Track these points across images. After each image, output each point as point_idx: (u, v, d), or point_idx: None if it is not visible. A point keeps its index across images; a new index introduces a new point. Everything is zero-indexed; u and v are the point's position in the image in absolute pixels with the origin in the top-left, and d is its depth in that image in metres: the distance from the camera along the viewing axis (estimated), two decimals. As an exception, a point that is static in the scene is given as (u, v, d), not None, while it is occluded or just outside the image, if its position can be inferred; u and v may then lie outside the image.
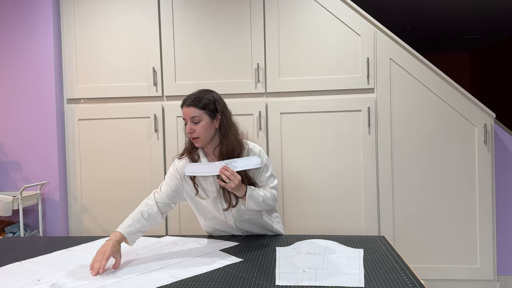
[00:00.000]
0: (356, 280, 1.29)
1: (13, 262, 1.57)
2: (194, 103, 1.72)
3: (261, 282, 1.28)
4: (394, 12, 4.69)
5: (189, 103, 1.73)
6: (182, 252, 1.64)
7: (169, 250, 1.68)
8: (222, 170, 1.61)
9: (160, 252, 1.65)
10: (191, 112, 1.71)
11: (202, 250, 1.65)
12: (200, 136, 1.72)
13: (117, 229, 1.63)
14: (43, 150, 2.89)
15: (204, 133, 1.71)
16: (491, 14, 4.97)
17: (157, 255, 1.62)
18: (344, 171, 2.73)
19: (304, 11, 2.73)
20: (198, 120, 1.71)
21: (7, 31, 2.92)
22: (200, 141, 1.73)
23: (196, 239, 1.82)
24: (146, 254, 1.63)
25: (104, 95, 2.89)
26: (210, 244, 1.73)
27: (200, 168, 1.69)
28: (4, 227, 2.87)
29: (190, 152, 1.80)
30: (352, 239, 1.74)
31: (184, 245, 1.74)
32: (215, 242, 1.76)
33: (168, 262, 1.52)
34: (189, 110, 1.72)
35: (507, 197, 2.82)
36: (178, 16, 2.83)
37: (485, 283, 2.66)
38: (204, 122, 1.71)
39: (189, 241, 1.79)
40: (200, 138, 1.72)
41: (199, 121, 1.71)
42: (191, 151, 1.80)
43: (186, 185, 1.80)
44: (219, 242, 1.77)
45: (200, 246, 1.71)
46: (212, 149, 1.78)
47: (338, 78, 2.72)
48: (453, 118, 2.67)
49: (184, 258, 1.56)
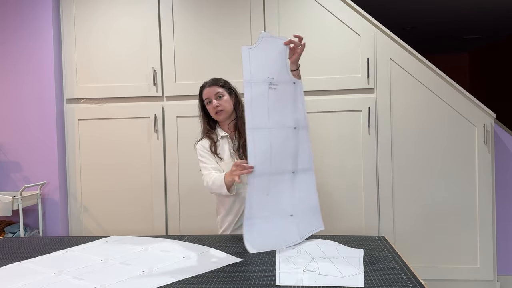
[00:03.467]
0: (356, 280, 1.29)
1: (13, 262, 1.57)
2: (216, 82, 2.00)
3: (261, 282, 1.28)
4: (394, 12, 4.69)
5: (210, 83, 2.00)
6: (182, 253, 1.64)
7: (169, 250, 1.68)
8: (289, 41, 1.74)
9: (158, 252, 1.65)
10: (215, 89, 1.97)
11: (202, 250, 1.65)
12: (225, 109, 1.96)
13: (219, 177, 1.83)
14: (43, 150, 2.89)
15: (227, 106, 1.97)
16: (491, 14, 4.97)
17: (156, 255, 1.62)
18: (344, 171, 2.73)
19: (304, 11, 2.73)
20: (221, 95, 1.97)
21: (7, 32, 2.92)
22: (224, 113, 1.97)
23: (195, 245, 1.82)
24: (146, 254, 1.63)
25: (104, 95, 2.89)
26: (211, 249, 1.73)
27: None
28: (4, 227, 2.87)
29: (208, 133, 2.02)
30: (352, 239, 1.74)
31: (185, 246, 1.74)
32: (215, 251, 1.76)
33: (168, 262, 1.52)
34: (213, 88, 1.98)
35: (507, 197, 2.82)
36: (178, 16, 2.83)
37: (485, 283, 2.66)
38: (226, 97, 1.98)
39: (189, 245, 1.79)
40: (224, 110, 1.96)
41: (222, 96, 1.97)
42: (209, 132, 2.02)
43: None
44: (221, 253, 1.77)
45: (201, 248, 1.71)
46: (227, 124, 2.02)
47: (338, 78, 2.72)
48: (453, 118, 2.67)
49: (184, 258, 1.56)
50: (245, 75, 1.68)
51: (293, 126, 1.75)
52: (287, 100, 1.75)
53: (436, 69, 2.68)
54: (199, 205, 2.82)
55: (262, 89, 1.70)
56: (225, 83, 2.02)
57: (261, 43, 1.72)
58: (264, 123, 1.69)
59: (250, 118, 1.67)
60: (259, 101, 1.69)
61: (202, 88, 2.02)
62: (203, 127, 2.06)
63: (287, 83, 1.76)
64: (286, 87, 1.75)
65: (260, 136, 1.68)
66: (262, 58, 1.71)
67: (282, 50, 1.75)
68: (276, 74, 1.73)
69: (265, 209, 1.69)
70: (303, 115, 1.78)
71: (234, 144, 1.98)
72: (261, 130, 1.68)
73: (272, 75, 1.72)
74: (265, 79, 1.70)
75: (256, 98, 1.69)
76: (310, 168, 1.79)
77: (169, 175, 2.85)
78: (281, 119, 1.72)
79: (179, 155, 2.83)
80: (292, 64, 1.77)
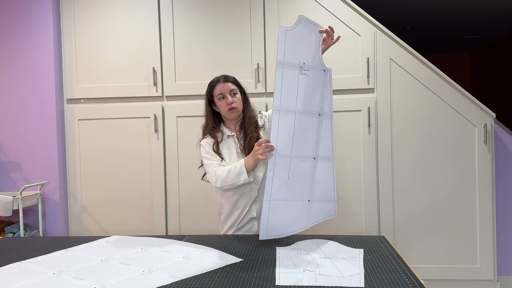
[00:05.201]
0: (356, 280, 1.28)
1: (13, 262, 1.57)
2: (229, 79, 1.98)
3: (261, 282, 1.28)
4: (394, 12, 4.69)
5: (224, 79, 1.96)
6: (182, 253, 1.64)
7: (169, 250, 1.68)
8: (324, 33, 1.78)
9: (158, 252, 1.65)
10: (230, 86, 1.94)
11: (202, 251, 1.65)
12: (238, 106, 1.93)
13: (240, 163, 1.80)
14: (43, 150, 2.89)
15: (240, 103, 1.95)
16: (491, 14, 4.97)
17: (156, 255, 1.62)
18: (344, 171, 2.73)
19: (304, 11, 2.73)
20: (235, 92, 1.95)
21: (7, 31, 2.92)
22: (237, 110, 1.93)
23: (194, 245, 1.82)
24: (146, 254, 1.63)
25: (104, 95, 2.89)
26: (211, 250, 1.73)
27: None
28: (4, 227, 2.87)
29: (212, 131, 1.97)
30: (352, 239, 1.74)
31: (185, 246, 1.74)
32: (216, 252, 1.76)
33: (168, 262, 1.52)
34: (227, 84, 1.95)
35: (507, 197, 2.82)
36: (178, 16, 2.83)
37: (485, 283, 2.66)
38: (239, 95, 1.96)
39: (189, 244, 1.79)
40: (237, 108, 1.93)
41: (236, 93, 1.95)
42: (213, 130, 1.97)
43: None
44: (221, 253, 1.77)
45: (201, 249, 1.71)
46: (235, 123, 1.99)
47: (338, 78, 2.71)
48: (453, 118, 2.67)
49: (184, 258, 1.56)
50: (279, 56, 1.70)
51: (318, 113, 1.76)
52: (316, 87, 1.77)
53: (436, 69, 2.68)
54: (199, 205, 2.82)
55: (294, 73, 1.71)
56: (236, 81, 2.00)
57: (298, 26, 1.73)
58: (291, 106, 1.71)
59: (278, 100, 1.69)
60: (289, 84, 1.71)
61: (214, 83, 1.97)
62: (208, 124, 2.00)
63: (318, 70, 1.77)
64: (317, 73, 1.77)
65: (285, 118, 1.70)
66: (297, 41, 1.73)
67: (317, 36, 1.76)
68: (308, 59, 1.75)
69: (285, 192, 1.71)
70: (329, 103, 1.79)
71: (240, 143, 1.95)
72: (287, 113, 1.71)
73: (305, 59, 1.74)
74: (297, 63, 1.72)
75: (286, 80, 1.70)
76: (331, 157, 1.81)
77: (169, 175, 2.85)
78: (308, 104, 1.74)
79: (179, 155, 2.83)
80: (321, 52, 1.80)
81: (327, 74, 1.79)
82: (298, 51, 1.73)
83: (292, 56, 1.71)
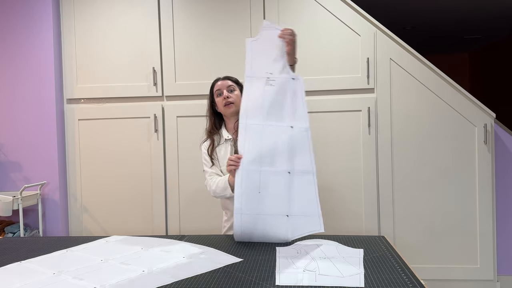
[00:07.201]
0: (356, 280, 1.28)
1: (13, 262, 1.57)
2: (228, 77, 2.04)
3: (261, 282, 1.28)
4: (394, 12, 4.69)
5: (223, 77, 2.04)
6: (182, 253, 1.64)
7: (169, 250, 1.68)
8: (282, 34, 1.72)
9: (158, 252, 1.65)
10: (228, 82, 2.00)
11: (202, 250, 1.65)
12: (234, 102, 1.95)
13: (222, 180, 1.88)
14: (43, 150, 2.89)
15: (237, 100, 1.95)
16: (491, 14, 4.97)
17: (156, 255, 1.62)
18: (344, 171, 2.73)
19: (304, 11, 2.73)
20: (233, 88, 1.99)
21: (7, 31, 2.92)
22: (233, 106, 1.95)
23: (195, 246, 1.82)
24: (146, 254, 1.63)
25: (104, 95, 2.89)
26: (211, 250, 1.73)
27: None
28: (4, 227, 2.87)
29: (211, 133, 2.03)
30: (352, 239, 1.73)
31: (185, 246, 1.74)
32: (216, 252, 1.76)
33: (168, 262, 1.52)
34: (226, 81, 2.01)
35: (507, 197, 2.82)
36: (178, 16, 2.83)
37: (485, 283, 2.66)
38: (237, 92, 1.99)
39: (188, 245, 1.79)
40: (234, 103, 1.95)
41: (233, 89, 1.99)
42: (212, 132, 2.02)
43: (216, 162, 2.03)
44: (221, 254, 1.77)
45: (201, 249, 1.71)
46: (234, 123, 1.98)
47: (338, 78, 2.72)
48: (453, 118, 2.67)
49: (184, 258, 1.56)
50: (246, 69, 1.69)
51: (289, 125, 1.68)
52: (285, 97, 1.69)
53: (436, 69, 2.68)
54: (199, 205, 2.82)
55: (259, 85, 1.69)
56: (236, 80, 2.05)
57: (261, 35, 1.71)
58: (258, 119, 1.68)
59: (245, 113, 1.68)
60: (255, 97, 1.69)
61: (214, 82, 2.04)
62: (209, 125, 2.06)
63: (285, 79, 1.70)
64: (285, 83, 1.70)
65: (252, 131, 1.67)
66: (262, 51, 1.70)
67: (279, 43, 1.71)
68: (274, 69, 1.70)
69: (256, 207, 1.67)
70: (302, 114, 1.69)
71: (234, 148, 1.97)
72: (254, 126, 1.68)
73: (271, 69, 1.70)
74: (263, 74, 1.69)
75: (253, 93, 1.68)
76: (311, 171, 1.69)
77: (169, 175, 2.85)
78: (277, 117, 1.68)
79: (179, 155, 2.83)
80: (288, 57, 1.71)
81: (297, 82, 1.70)
82: (263, 61, 1.69)
83: (258, 67, 1.69)
